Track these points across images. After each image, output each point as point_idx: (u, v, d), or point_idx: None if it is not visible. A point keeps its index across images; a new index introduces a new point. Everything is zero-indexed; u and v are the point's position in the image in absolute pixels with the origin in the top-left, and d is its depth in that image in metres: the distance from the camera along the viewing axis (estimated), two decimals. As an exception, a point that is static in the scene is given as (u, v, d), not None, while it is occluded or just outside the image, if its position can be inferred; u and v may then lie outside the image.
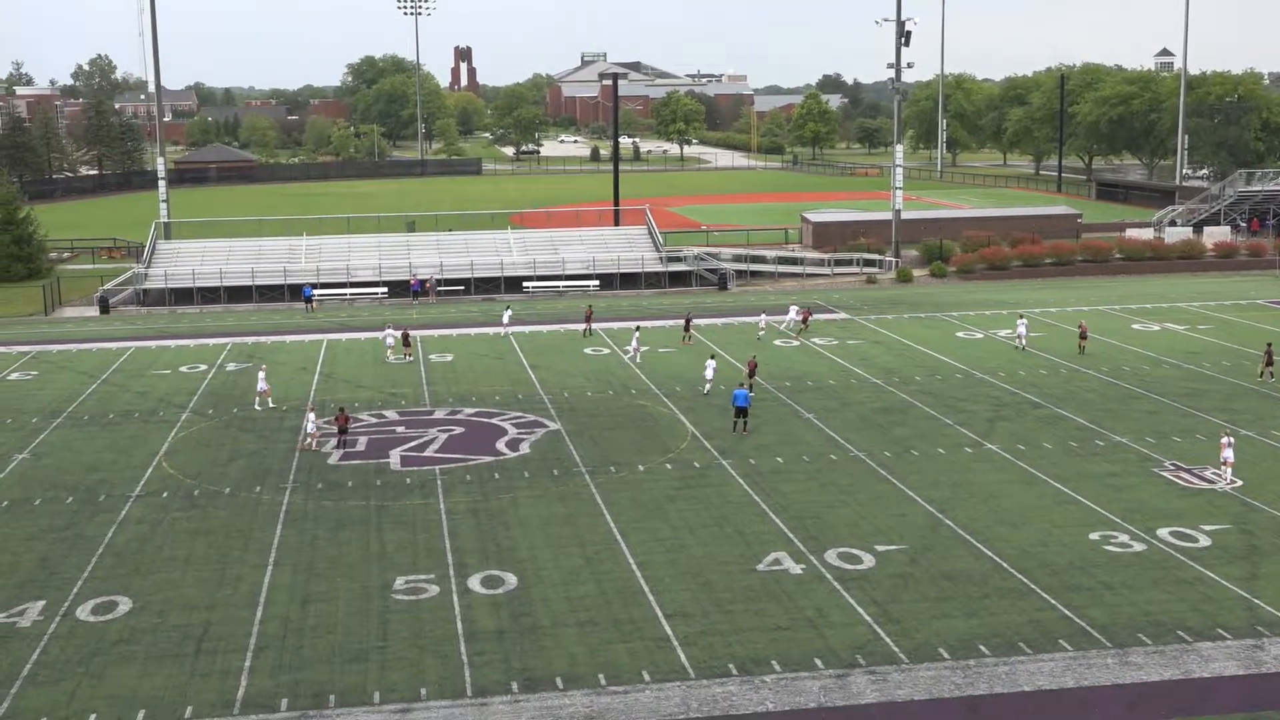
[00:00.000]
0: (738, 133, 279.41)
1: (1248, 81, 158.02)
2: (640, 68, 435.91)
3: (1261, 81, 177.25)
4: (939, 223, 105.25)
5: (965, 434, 46.71)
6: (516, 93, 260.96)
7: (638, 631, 29.72)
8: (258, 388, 52.95)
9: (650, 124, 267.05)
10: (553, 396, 53.55)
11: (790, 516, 37.67)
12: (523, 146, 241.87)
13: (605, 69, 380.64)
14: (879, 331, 67.49)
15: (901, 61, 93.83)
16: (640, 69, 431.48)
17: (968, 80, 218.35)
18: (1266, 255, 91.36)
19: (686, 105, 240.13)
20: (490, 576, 33.20)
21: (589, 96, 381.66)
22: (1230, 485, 39.99)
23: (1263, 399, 51.33)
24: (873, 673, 27.53)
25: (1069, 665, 27.82)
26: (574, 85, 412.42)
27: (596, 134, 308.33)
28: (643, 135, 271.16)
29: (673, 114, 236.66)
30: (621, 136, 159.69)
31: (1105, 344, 62.74)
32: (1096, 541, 35.33)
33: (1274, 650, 28.40)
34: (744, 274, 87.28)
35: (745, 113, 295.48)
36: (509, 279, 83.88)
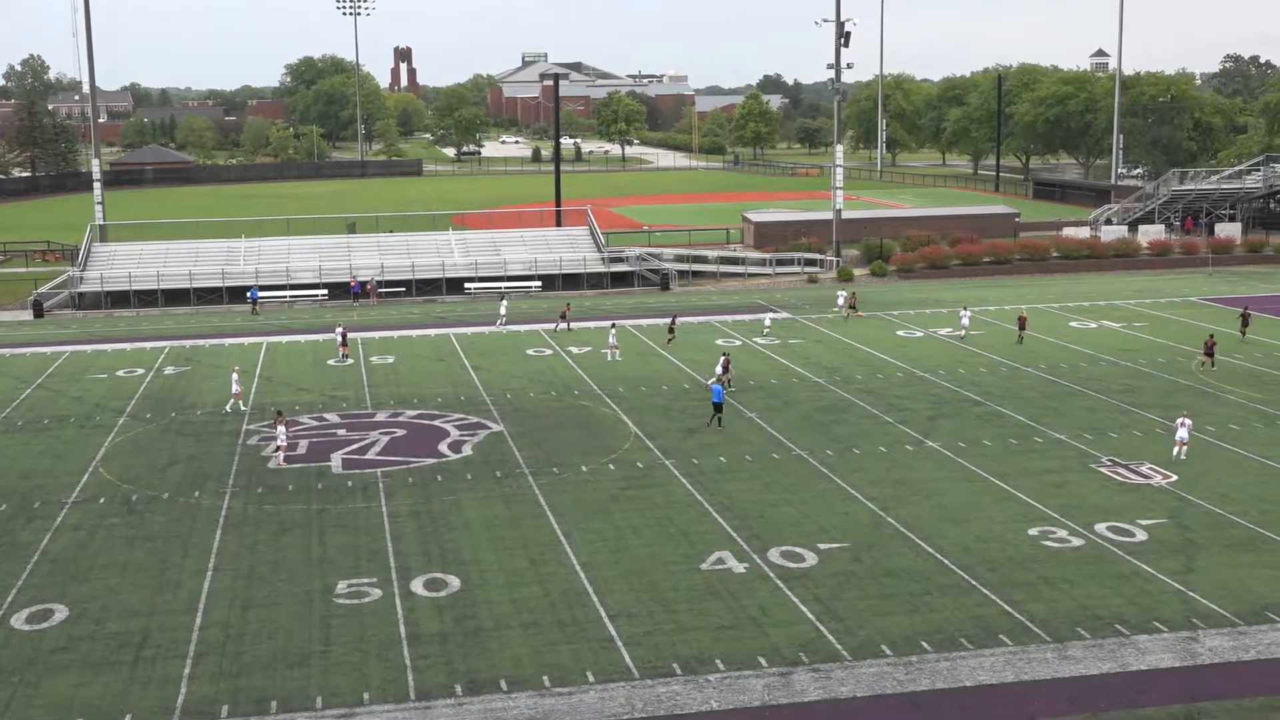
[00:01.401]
0: (679, 133, 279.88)
1: (1180, 82, 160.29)
2: (581, 68, 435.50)
3: (1193, 82, 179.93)
4: (879, 222, 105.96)
5: (906, 432, 47.05)
6: (457, 93, 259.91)
7: (582, 632, 29.70)
8: (232, 390, 52.52)
9: (592, 124, 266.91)
10: (495, 398, 53.39)
11: (733, 516, 37.78)
12: (464, 147, 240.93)
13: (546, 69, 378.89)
14: (820, 331, 67.85)
15: (841, 62, 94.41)
16: (581, 69, 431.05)
17: (907, 81, 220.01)
18: (1200, 253, 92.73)
19: (628, 106, 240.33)
20: (433, 579, 33.05)
21: (530, 97, 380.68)
22: (1178, 459, 42.39)
23: (1198, 395, 52.09)
24: (816, 670, 27.67)
25: (1009, 660, 28.10)
26: (515, 86, 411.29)
27: (538, 134, 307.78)
28: (584, 136, 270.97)
29: (614, 114, 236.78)
30: (563, 137, 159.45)
31: (1043, 341, 63.44)
32: (1036, 537, 35.72)
33: (1209, 643, 28.83)
34: (686, 274, 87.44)
35: (686, 113, 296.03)
36: (450, 280, 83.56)
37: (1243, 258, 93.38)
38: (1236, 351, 60.29)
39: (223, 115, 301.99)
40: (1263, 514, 37.37)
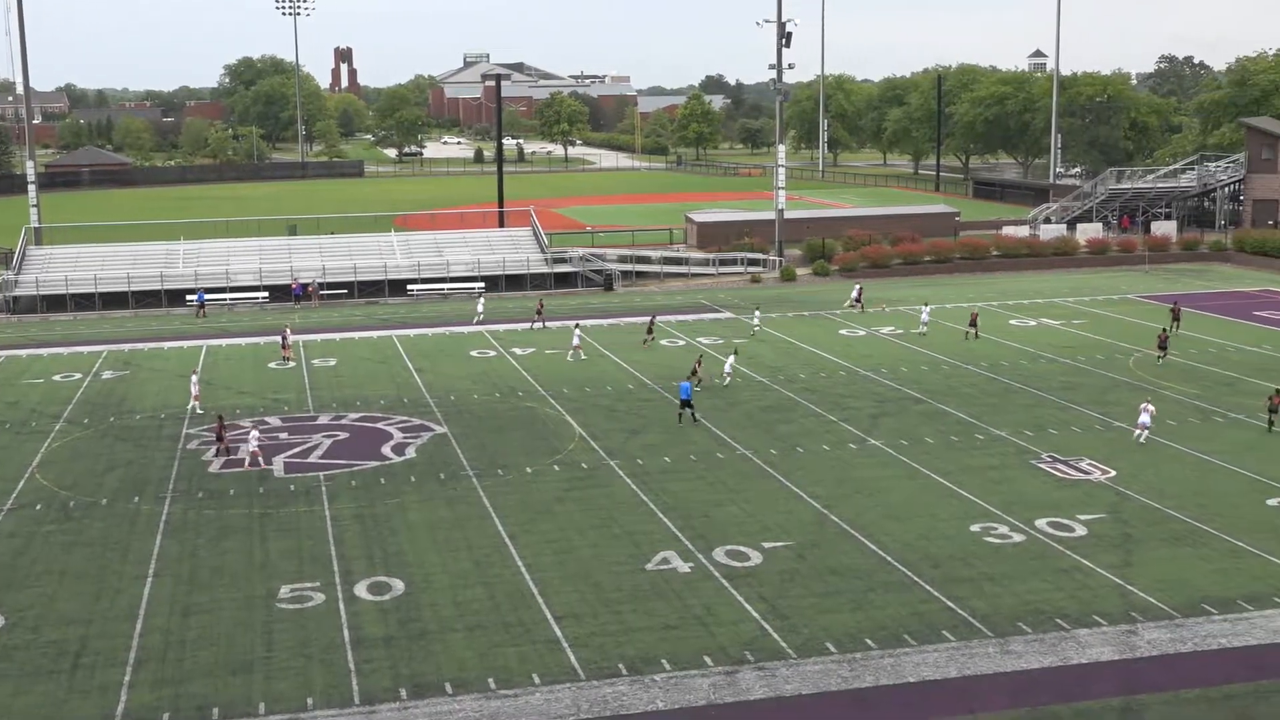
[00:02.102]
0: (622, 133, 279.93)
1: (1116, 82, 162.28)
2: (523, 69, 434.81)
3: (1129, 82, 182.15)
4: (821, 222, 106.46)
5: (849, 430, 47.32)
6: (398, 94, 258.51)
7: (527, 634, 29.63)
8: (192, 392, 51.98)
9: (534, 125, 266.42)
10: (439, 400, 53.17)
11: (678, 515, 37.84)
12: (405, 148, 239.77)
13: (488, 70, 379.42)
14: (764, 330, 68.05)
15: (783, 62, 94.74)
16: (523, 70, 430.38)
17: (848, 81, 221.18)
18: (1136, 251, 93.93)
19: (570, 106, 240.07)
20: (377, 583, 32.86)
21: (472, 98, 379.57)
22: (1140, 441, 44.52)
23: (1135, 391, 52.73)
24: (761, 669, 27.77)
25: (952, 656, 28.33)
26: (456, 86, 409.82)
27: (480, 135, 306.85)
28: (527, 136, 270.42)
29: (556, 115, 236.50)
30: (505, 138, 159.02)
31: (984, 339, 64.01)
32: (977, 533, 36.04)
33: (1147, 635, 29.21)
34: (629, 274, 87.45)
35: (629, 113, 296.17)
36: (393, 282, 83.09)
37: (1178, 255, 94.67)
38: (1172, 349, 61.07)
39: (160, 116, 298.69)
40: (1199, 508, 37.91)
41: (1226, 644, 28.77)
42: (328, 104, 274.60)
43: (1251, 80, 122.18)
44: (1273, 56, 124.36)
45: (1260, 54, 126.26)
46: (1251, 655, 28.21)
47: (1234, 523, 36.58)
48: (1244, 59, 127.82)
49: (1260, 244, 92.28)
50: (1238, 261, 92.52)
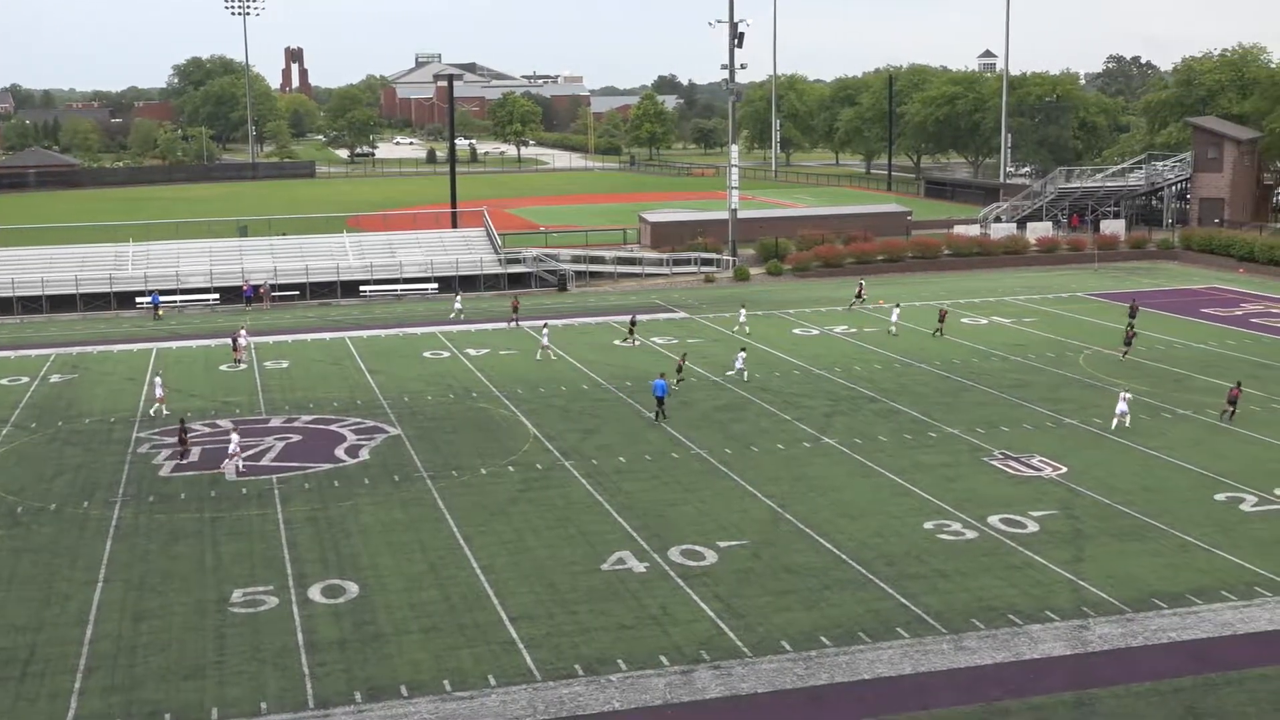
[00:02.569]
0: (575, 134, 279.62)
1: (1065, 82, 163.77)
2: (476, 69, 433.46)
3: (1078, 82, 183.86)
4: (774, 222, 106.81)
5: (803, 429, 47.49)
6: (350, 94, 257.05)
7: (482, 636, 29.55)
8: (155, 394, 51.48)
9: (487, 125, 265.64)
10: (392, 401, 52.93)
11: (633, 515, 37.85)
12: (357, 149, 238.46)
13: (440, 70, 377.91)
14: (718, 330, 68.21)
15: (735, 63, 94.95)
16: (476, 70, 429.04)
17: (800, 81, 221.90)
18: (1086, 250, 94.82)
19: (523, 106, 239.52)
20: (331, 586, 32.67)
21: (424, 98, 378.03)
22: (1119, 428, 46.37)
23: (1085, 389, 53.25)
24: (717, 667, 27.82)
25: (906, 652, 28.49)
26: (409, 86, 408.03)
27: (432, 135, 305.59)
28: (479, 137, 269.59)
29: (509, 115, 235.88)
30: (458, 138, 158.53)
31: (935, 339, 64.38)
32: (931, 530, 36.26)
33: (1099, 630, 29.49)
34: (583, 275, 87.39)
35: (582, 114, 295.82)
36: (345, 283, 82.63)
37: (1127, 254, 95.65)
38: (1121, 345, 61.70)
39: (108, 117, 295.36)
40: (1148, 504, 38.33)
41: (1176, 638, 29.10)
42: (278, 104, 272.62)
43: (1197, 80, 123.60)
44: (1217, 57, 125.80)
45: (1205, 54, 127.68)
46: (1200, 648, 28.55)
47: (1182, 518, 37.01)
48: (1190, 59, 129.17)
49: (1207, 242, 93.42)
50: (1185, 259, 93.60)
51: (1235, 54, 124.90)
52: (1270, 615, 30.21)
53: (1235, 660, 27.88)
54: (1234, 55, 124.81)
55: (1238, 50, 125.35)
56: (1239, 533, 35.77)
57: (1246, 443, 44.91)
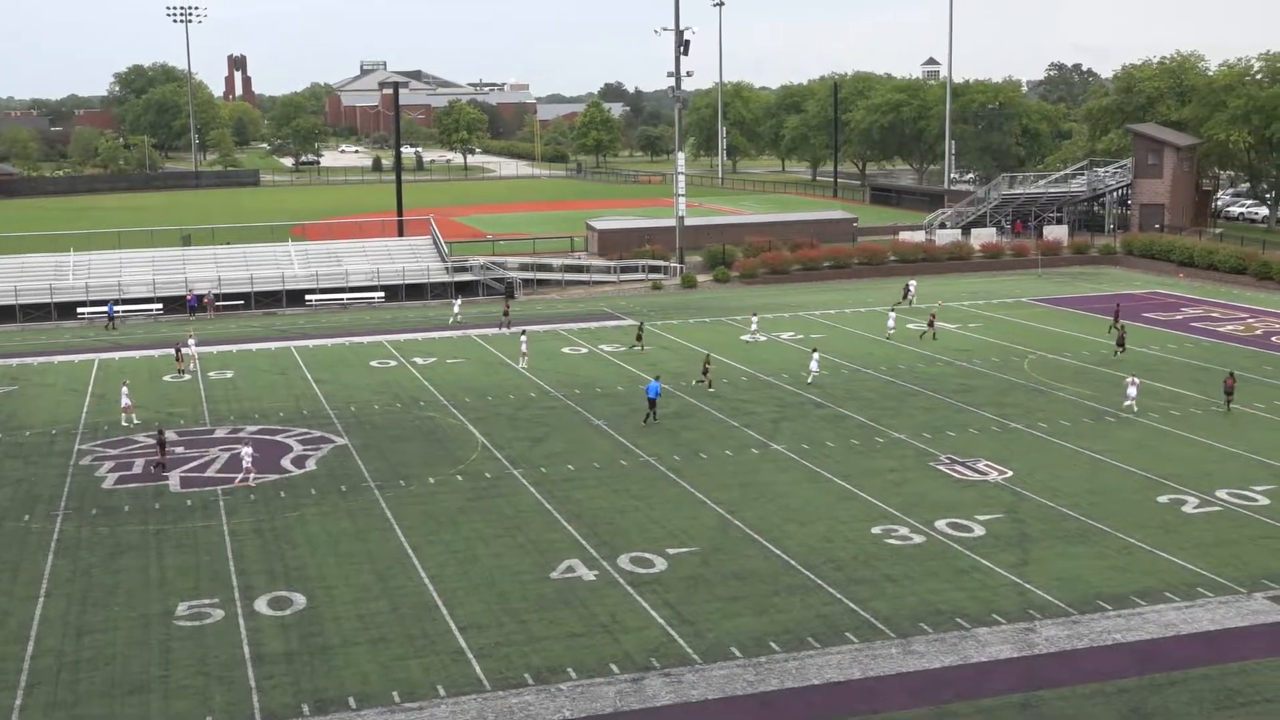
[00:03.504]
0: (521, 141, 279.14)
1: (1007, 90, 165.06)
2: (421, 76, 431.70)
3: (1020, 90, 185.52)
4: (721, 228, 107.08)
5: (752, 435, 47.62)
6: (294, 102, 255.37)
7: (431, 646, 29.39)
8: (122, 404, 50.86)
9: (433, 133, 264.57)
10: (339, 411, 52.57)
11: (583, 523, 37.80)
12: (302, 157, 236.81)
13: (385, 78, 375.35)
14: (665, 337, 68.30)
15: (681, 70, 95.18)
16: (421, 78, 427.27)
17: (746, 89, 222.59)
18: (1029, 255, 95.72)
19: (469, 114, 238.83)
20: (278, 598, 32.39)
21: (369, 106, 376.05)
22: (1129, 411, 49.63)
23: (1030, 393, 53.74)
24: (667, 675, 27.81)
25: (855, 657, 28.61)
26: (354, 94, 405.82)
27: (378, 144, 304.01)
28: (425, 144, 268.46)
29: (455, 123, 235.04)
30: (404, 146, 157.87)
31: (882, 343, 64.79)
32: (879, 535, 36.45)
33: (1045, 633, 29.75)
34: (531, 283, 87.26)
35: (528, 121, 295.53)
36: (291, 292, 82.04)
37: (1070, 259, 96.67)
38: (1066, 349, 62.38)
39: (48, 125, 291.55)
40: (1093, 506, 38.73)
41: (1120, 639, 29.41)
42: (221, 112, 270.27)
43: (1137, 87, 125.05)
44: (1156, 65, 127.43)
45: (1145, 62, 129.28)
46: (1144, 649, 28.87)
47: (1126, 520, 37.43)
48: (1129, 67, 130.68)
49: (1147, 246, 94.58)
50: (1126, 264, 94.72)
51: (1174, 62, 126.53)
52: (1212, 615, 30.61)
53: (1178, 660, 28.22)
54: (1173, 63, 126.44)
55: (1176, 58, 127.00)
56: (1181, 534, 36.22)
57: (1188, 445, 45.49)
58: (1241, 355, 60.70)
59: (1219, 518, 37.64)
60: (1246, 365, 58.10)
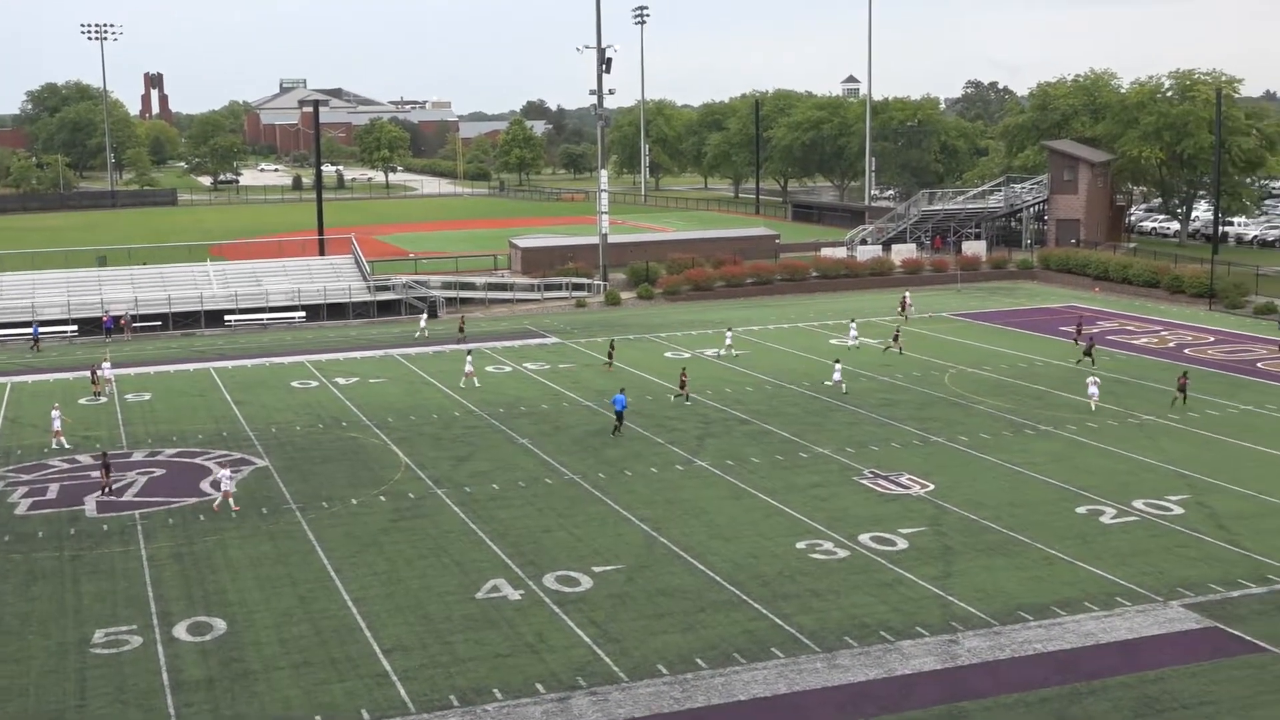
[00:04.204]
0: (444, 159, 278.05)
1: (926, 107, 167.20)
2: (342, 94, 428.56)
3: (938, 107, 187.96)
4: (645, 246, 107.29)
5: (676, 452, 47.68)
6: (212, 120, 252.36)
7: (355, 669, 29.06)
8: (53, 427, 49.84)
9: (354, 151, 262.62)
10: (259, 432, 51.93)
11: (508, 543, 37.61)
12: (221, 176, 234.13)
13: (305, 96, 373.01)
14: (590, 354, 68.24)
15: (603, 88, 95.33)
16: (342, 95, 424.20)
17: (668, 106, 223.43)
18: (949, 270, 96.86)
19: (390, 132, 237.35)
20: (197, 623, 31.87)
21: (289, 124, 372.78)
22: (1093, 407, 52.55)
23: (951, 407, 54.32)
24: (594, 693, 27.71)
25: (781, 672, 28.69)
26: (273, 112, 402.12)
27: (298, 162, 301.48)
28: (346, 163, 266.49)
29: (376, 141, 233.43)
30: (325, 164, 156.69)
31: (804, 359, 65.18)
32: (803, 550, 36.62)
33: (967, 644, 30.02)
34: (454, 301, 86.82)
35: (450, 139, 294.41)
36: (210, 313, 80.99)
37: (988, 274, 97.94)
38: (985, 363, 63.16)
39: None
40: (1013, 518, 39.18)
41: (1042, 649, 29.75)
42: (138, 131, 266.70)
43: (1052, 105, 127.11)
44: (1071, 82, 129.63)
45: (1059, 79, 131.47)
46: (1065, 659, 29.23)
47: (1046, 531, 37.91)
48: (1044, 84, 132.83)
49: (1064, 261, 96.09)
50: (1043, 279, 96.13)
51: (1088, 79, 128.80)
52: (1130, 624, 31.06)
53: (1098, 669, 28.59)
54: (1086, 80, 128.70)
55: (1090, 75, 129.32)
56: (1100, 544, 36.75)
57: (1105, 456, 46.19)
58: (1156, 367, 61.81)
59: (1136, 528, 38.24)
60: (1161, 377, 59.15)
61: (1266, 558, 35.42)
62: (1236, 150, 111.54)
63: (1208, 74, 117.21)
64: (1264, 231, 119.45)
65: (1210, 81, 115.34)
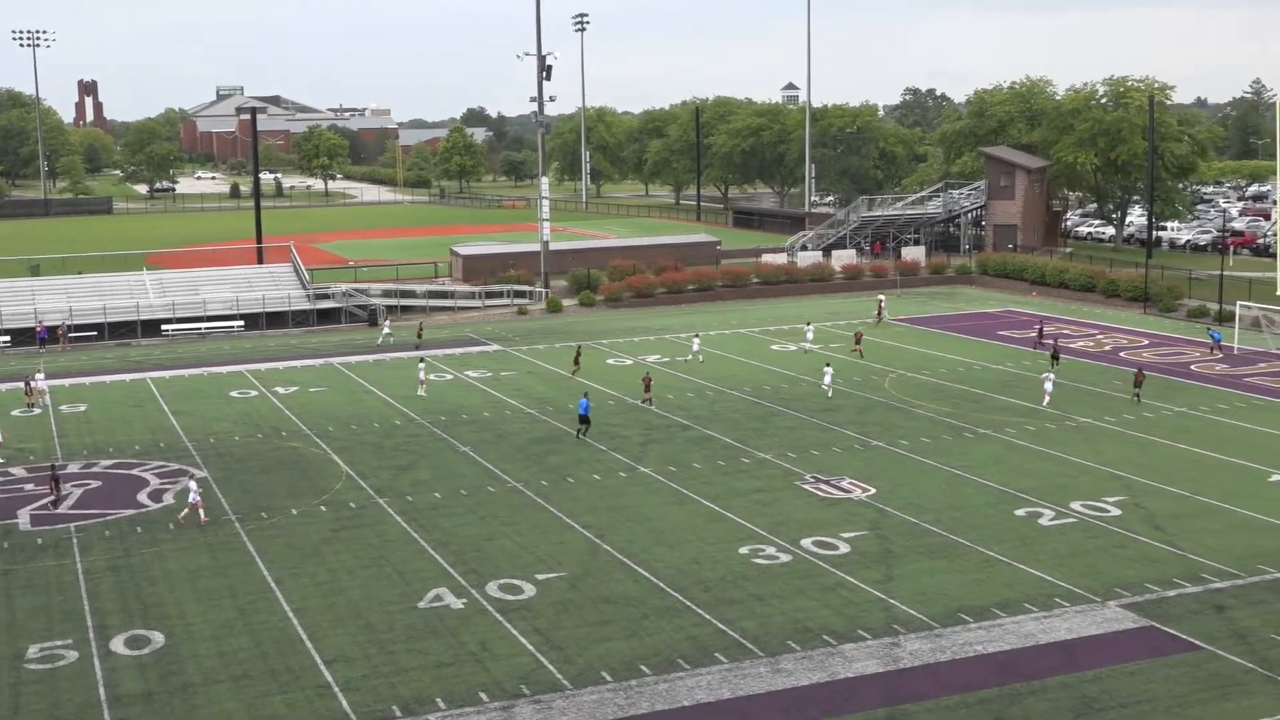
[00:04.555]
0: (383, 167, 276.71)
1: (865, 114, 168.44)
2: (280, 101, 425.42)
3: (877, 114, 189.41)
4: (586, 253, 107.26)
5: (619, 459, 47.68)
6: (148, 128, 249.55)
7: (296, 681, 28.80)
8: None
9: (292, 159, 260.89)
10: (198, 443, 51.38)
11: (450, 551, 37.44)
12: (157, 184, 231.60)
13: (243, 103, 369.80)
14: (532, 362, 68.12)
15: (544, 95, 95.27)
16: (280, 103, 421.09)
17: (609, 113, 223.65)
18: (888, 275, 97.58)
19: (329, 140, 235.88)
20: (135, 636, 31.47)
21: (226, 131, 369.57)
22: (1046, 407, 54.42)
23: (891, 411, 54.70)
24: (538, 702, 27.64)
25: (725, 677, 28.74)
26: (210, 120, 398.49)
27: (236, 170, 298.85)
28: (285, 171, 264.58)
29: (315, 148, 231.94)
30: (263, 172, 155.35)
31: (747, 364, 65.42)
32: (746, 555, 36.72)
33: (909, 647, 30.23)
34: (395, 309, 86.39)
35: (390, 147, 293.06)
36: (146, 322, 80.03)
37: (927, 279, 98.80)
38: (924, 368, 63.66)
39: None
40: (954, 521, 39.51)
41: (982, 650, 30.01)
42: (72, 139, 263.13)
43: (989, 111, 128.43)
44: (1007, 89, 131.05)
45: (996, 87, 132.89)
46: (1004, 660, 29.50)
47: (985, 534, 38.26)
48: (981, 91, 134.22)
49: (1001, 266, 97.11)
50: (981, 284, 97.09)
51: (1024, 86, 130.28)
52: (1069, 625, 31.40)
53: (1037, 670, 28.88)
54: (1022, 88, 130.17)
55: (1025, 83, 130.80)
56: (1038, 546, 37.13)
57: (1043, 459, 46.69)
58: (1092, 370, 62.57)
59: (1074, 529, 38.68)
60: (1096, 380, 59.92)
61: (1201, 557, 35.96)
62: (1169, 156, 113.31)
63: (1141, 81, 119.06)
64: (1196, 236, 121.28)
65: (1143, 88, 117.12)
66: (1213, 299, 78.15)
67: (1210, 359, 65.56)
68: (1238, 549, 36.58)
